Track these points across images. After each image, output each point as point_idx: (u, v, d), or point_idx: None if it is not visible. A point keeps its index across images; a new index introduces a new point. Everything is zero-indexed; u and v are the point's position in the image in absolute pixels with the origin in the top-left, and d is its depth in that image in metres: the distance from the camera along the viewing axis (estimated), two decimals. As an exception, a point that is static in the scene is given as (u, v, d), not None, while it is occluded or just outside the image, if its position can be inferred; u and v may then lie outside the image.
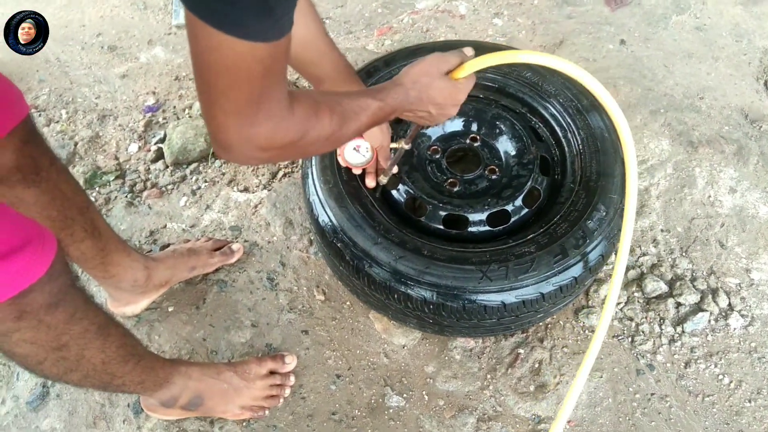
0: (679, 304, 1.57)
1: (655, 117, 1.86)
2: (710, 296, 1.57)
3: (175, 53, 2.23)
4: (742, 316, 1.55)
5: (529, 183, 1.43)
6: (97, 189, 1.87)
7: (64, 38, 2.31)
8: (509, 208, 1.40)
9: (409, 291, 1.28)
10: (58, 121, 2.06)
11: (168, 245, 1.71)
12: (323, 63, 1.24)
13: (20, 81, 2.19)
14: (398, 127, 1.50)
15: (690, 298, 1.57)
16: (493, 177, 1.47)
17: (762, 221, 1.69)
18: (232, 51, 0.71)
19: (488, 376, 1.50)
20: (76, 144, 1.98)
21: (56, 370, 1.05)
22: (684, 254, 1.65)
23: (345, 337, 1.57)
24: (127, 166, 1.93)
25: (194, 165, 1.90)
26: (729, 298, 1.58)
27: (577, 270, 1.27)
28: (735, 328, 1.54)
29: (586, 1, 2.23)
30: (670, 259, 1.65)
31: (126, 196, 1.85)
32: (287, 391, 1.47)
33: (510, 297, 1.24)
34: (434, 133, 1.54)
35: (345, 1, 2.35)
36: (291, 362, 1.49)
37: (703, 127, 1.84)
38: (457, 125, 1.55)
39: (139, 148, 1.97)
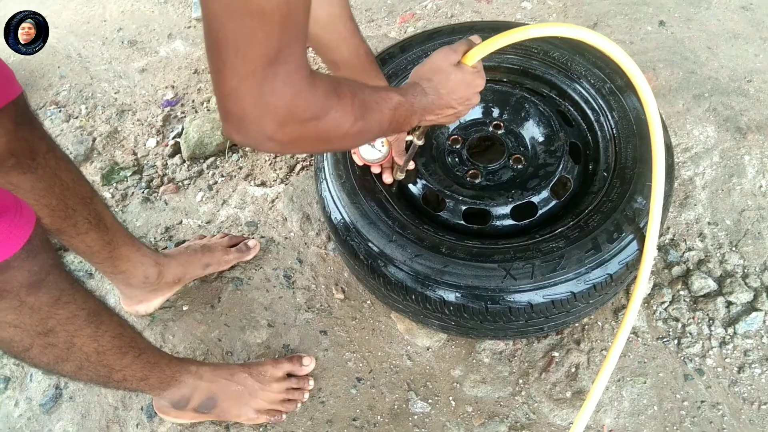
0: (729, 303, 1.46)
1: (698, 102, 1.75)
2: (764, 294, 1.46)
3: (194, 46, 2.19)
4: (800, 315, 1.43)
5: (557, 172, 1.33)
6: (114, 185, 1.85)
7: (85, 34, 2.31)
8: (536, 199, 1.30)
9: (426, 292, 1.19)
10: (77, 117, 2.05)
11: (183, 242, 1.68)
12: (342, 48, 1.17)
13: (42, 77, 2.20)
14: None
15: (742, 297, 1.46)
16: (519, 167, 1.38)
17: (820, 212, 1.55)
18: None
19: (520, 381, 1.41)
20: (94, 140, 1.96)
21: (46, 359, 1.00)
22: (734, 249, 1.54)
23: (365, 338, 1.50)
24: (145, 162, 1.91)
25: (211, 159, 1.87)
26: (785, 297, 1.46)
27: (612, 267, 1.17)
28: (792, 330, 1.42)
29: (623, -20, 2.10)
30: (718, 255, 1.53)
31: (143, 192, 1.82)
32: (306, 396, 1.41)
33: (537, 297, 1.15)
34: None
35: (367, -12, 2.28)
36: (309, 364, 1.43)
37: (752, 111, 1.73)
38: (477, 112, 1.46)
39: (157, 142, 1.94)
